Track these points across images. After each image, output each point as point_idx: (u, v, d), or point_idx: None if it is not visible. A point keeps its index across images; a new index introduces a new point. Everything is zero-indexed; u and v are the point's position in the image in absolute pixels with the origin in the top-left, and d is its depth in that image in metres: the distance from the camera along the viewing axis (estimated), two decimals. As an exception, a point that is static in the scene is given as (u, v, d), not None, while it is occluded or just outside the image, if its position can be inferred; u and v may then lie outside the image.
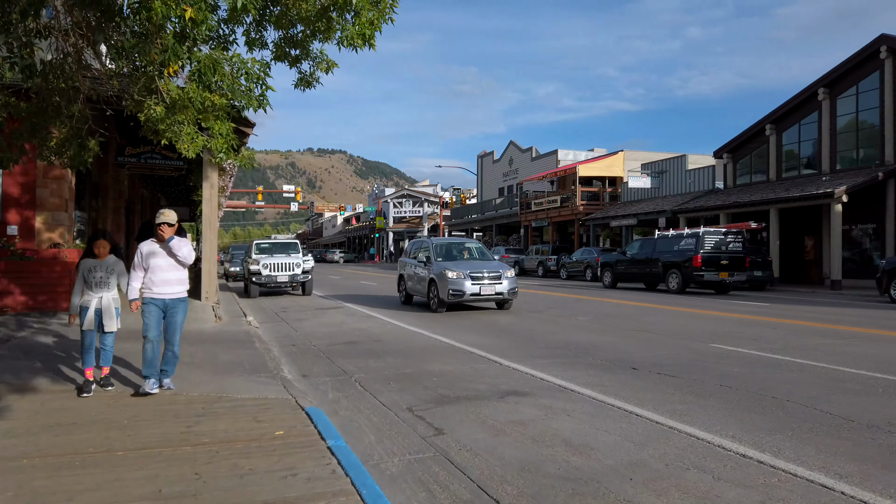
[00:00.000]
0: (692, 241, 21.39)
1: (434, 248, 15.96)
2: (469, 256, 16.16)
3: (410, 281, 16.54)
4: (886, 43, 23.68)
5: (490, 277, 14.38)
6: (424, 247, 16.55)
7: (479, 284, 14.18)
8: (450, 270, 14.34)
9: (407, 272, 16.83)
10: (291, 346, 10.18)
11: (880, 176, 22.97)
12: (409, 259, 16.99)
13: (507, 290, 14.52)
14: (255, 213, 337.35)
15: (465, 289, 14.12)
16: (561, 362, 8.13)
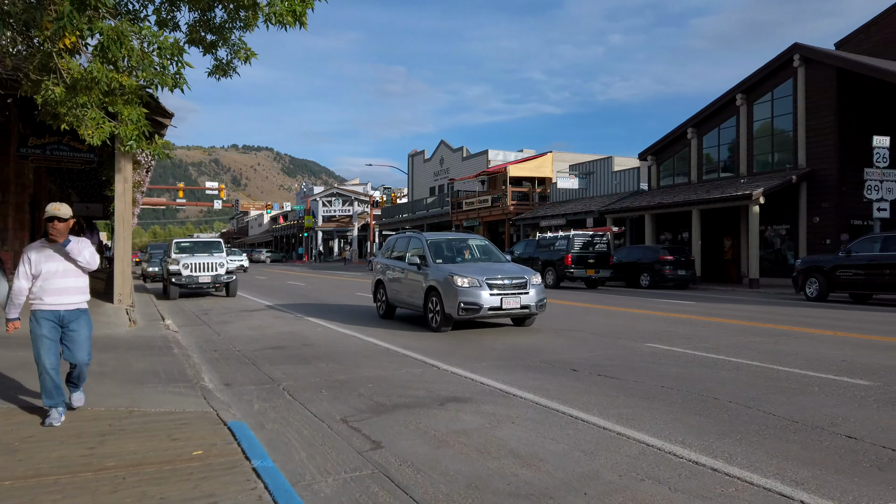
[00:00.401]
0: (564, 243, 24.77)
1: (430, 246, 12.13)
2: (473, 256, 12.63)
3: (394, 288, 12.92)
4: (800, 52, 24.86)
5: (513, 286, 10.79)
6: (416, 245, 12.62)
7: (499, 295, 10.56)
8: (459, 276, 10.66)
9: (388, 277, 13.19)
10: (213, 351, 9.52)
11: (794, 179, 24.08)
12: (391, 260, 13.39)
13: (536, 303, 10.86)
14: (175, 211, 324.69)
15: (481, 301, 10.46)
16: (500, 365, 7.89)
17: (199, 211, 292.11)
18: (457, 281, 10.62)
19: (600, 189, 35.25)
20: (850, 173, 23.86)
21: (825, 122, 24.03)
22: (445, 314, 10.78)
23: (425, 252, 11.87)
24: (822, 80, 24.17)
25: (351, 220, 76.46)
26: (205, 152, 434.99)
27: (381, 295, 13.48)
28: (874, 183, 19.39)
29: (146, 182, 15.08)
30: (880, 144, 19.64)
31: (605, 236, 25.33)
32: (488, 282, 10.64)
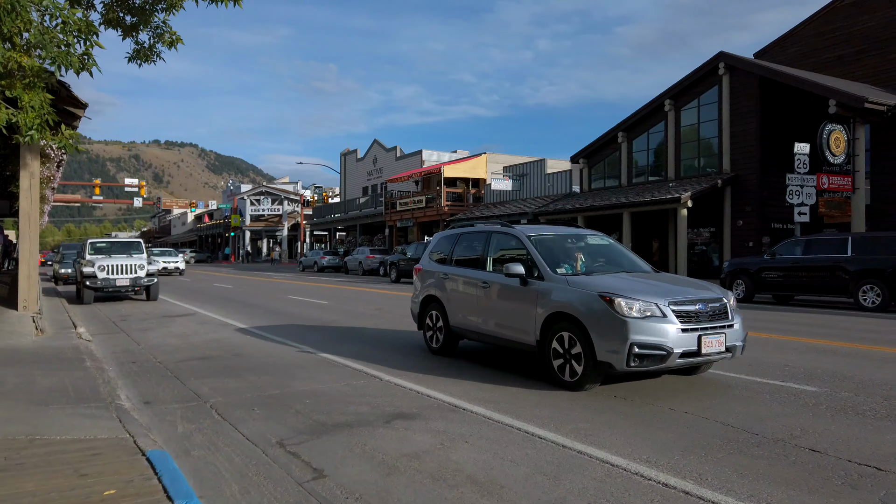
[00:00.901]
0: None
1: (538, 246, 7.58)
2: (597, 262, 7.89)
3: (466, 310, 8.38)
4: (724, 60, 25.72)
5: (711, 314, 6.51)
6: (507, 244, 8.16)
7: (695, 331, 6.29)
8: (625, 297, 6.36)
9: (452, 292, 8.69)
10: (132, 363, 8.73)
11: (719, 183, 24.88)
12: (453, 267, 8.87)
13: (741, 342, 6.73)
14: (92, 209, 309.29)
15: (668, 342, 6.14)
16: (444, 374, 7.52)
17: (118, 209, 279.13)
18: (622, 306, 6.22)
19: (534, 191, 35.53)
20: (771, 178, 24.88)
21: (748, 128, 24.95)
22: (597, 362, 6.30)
23: (533, 256, 7.36)
24: (746, 88, 25.08)
25: (281, 220, 74.53)
26: (124, 147, 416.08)
27: (436, 318, 8.97)
28: (795, 188, 20.20)
29: (57, 178, 13.88)
30: (801, 151, 20.48)
31: None
32: (674, 308, 6.28)
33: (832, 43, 29.41)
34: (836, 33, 29.22)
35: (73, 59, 3.63)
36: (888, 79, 26.38)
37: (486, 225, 8.89)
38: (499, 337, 7.80)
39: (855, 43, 28.39)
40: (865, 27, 28.36)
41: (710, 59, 26.26)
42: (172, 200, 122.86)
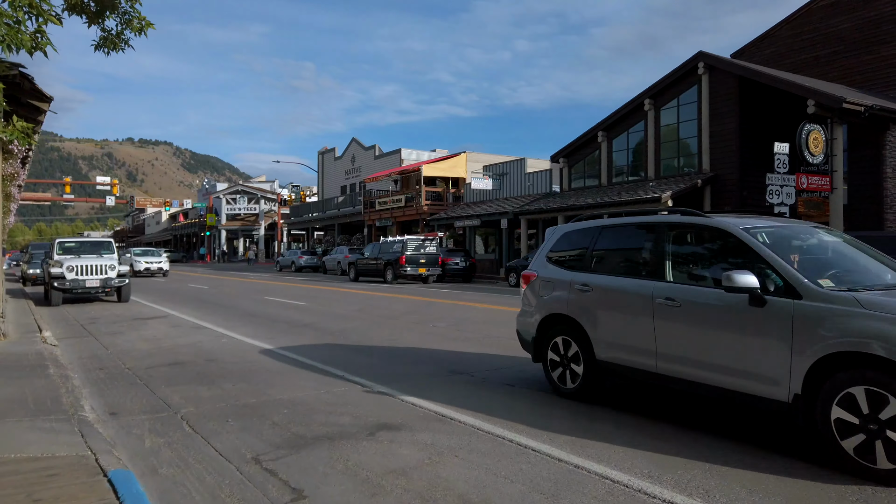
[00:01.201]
0: (400, 245, 28.78)
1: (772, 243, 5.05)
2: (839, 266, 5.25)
3: (626, 336, 5.78)
4: (704, 60, 25.74)
5: None
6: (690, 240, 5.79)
7: None
8: None
9: (595, 308, 6.13)
10: (99, 370, 8.30)
11: (699, 183, 24.90)
12: (602, 277, 6.20)
13: None
14: (64, 208, 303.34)
15: None
16: (435, 381, 7.22)
17: (91, 208, 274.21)
18: None
19: (514, 190, 35.36)
20: (750, 178, 24.96)
21: (727, 128, 25.00)
22: None
23: (770, 260, 4.81)
24: (725, 88, 25.13)
25: (257, 219, 73.59)
26: (97, 145, 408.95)
27: (569, 348, 6.40)
28: (775, 188, 20.23)
29: (22, 175, 13.29)
30: (781, 151, 20.53)
31: (434, 240, 30.50)
32: None
33: (808, 44, 29.62)
34: (811, 34, 29.44)
35: (24, 38, 3.26)
36: (863, 80, 26.64)
37: (651, 216, 6.12)
38: (701, 384, 5.09)
39: (830, 44, 28.63)
40: (840, 28, 28.60)
41: (690, 59, 26.27)
42: (146, 199, 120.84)
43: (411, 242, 28.87)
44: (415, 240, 29.37)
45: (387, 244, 30.11)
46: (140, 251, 37.67)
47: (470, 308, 16.30)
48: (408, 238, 29.31)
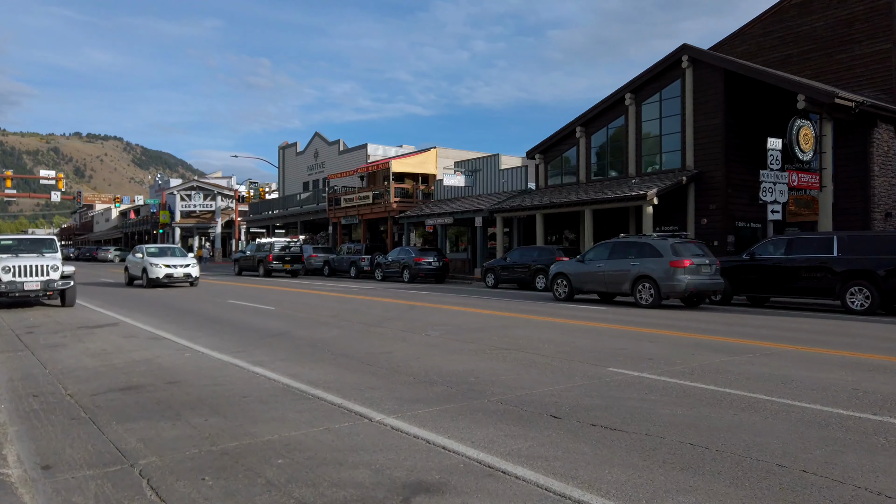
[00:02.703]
0: (268, 246, 34.74)
1: None
2: None
3: None
4: (688, 53, 24.97)
5: None
6: None
7: None
8: None
9: None
10: (33, 397, 6.69)
11: (684, 180, 24.10)
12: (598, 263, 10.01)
13: None
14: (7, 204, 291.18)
15: None
16: (451, 410, 5.87)
17: (36, 204, 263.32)
18: None
19: (487, 187, 34.17)
20: (736, 175, 24.29)
21: (713, 123, 24.26)
22: None
23: None
24: (710, 82, 24.40)
25: (213, 217, 70.78)
26: (42, 140, 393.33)
27: None
28: (768, 185, 19.49)
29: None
30: (774, 146, 19.80)
31: (298, 242, 36.05)
32: None
33: (780, 42, 29.19)
34: (783, 33, 29.01)
35: None
36: (836, 78, 26.19)
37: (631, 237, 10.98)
38: None
39: (802, 43, 28.22)
40: (812, 27, 28.24)
41: (673, 52, 25.49)
42: (95, 195, 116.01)
43: (277, 244, 34.72)
44: (281, 241, 35.32)
45: (261, 244, 36.11)
46: (156, 250, 26.15)
47: (458, 313, 14.98)
48: (274, 240, 36.08)
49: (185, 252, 27.50)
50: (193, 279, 24.77)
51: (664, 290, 16.00)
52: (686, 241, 17.26)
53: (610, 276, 17.31)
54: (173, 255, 26.03)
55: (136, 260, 25.38)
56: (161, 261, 24.35)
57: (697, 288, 15.99)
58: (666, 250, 16.37)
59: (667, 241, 16.83)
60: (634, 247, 17.15)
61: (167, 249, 26.75)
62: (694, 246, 16.89)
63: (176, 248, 27.43)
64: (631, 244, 17.38)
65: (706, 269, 16.26)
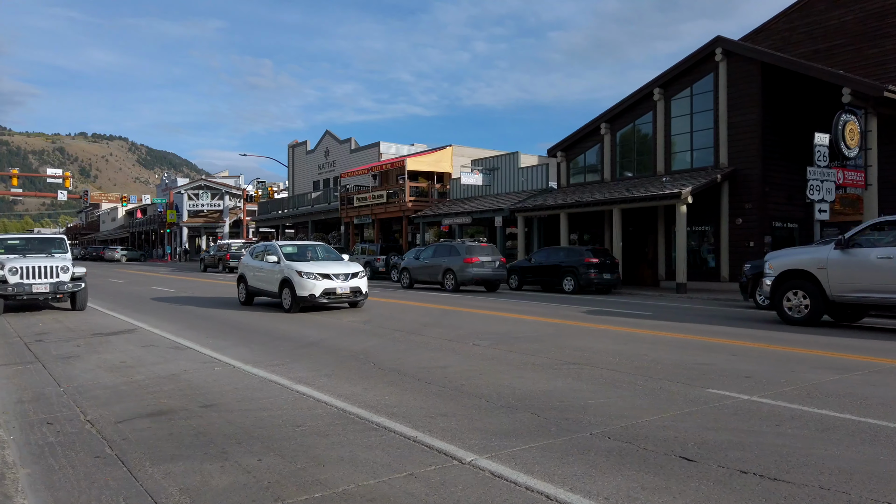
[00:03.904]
0: (227, 246, 40.29)
1: None
2: None
3: None
4: (722, 45, 23.92)
5: None
6: None
7: None
8: None
9: None
10: (46, 425, 5.72)
11: (718, 178, 23.04)
12: None
13: None
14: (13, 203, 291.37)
15: None
16: (557, 446, 4.86)
17: (41, 203, 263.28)
18: None
19: (506, 186, 33.13)
20: (773, 173, 23.24)
21: (749, 118, 23.20)
22: None
23: None
24: (746, 75, 23.34)
25: (221, 216, 69.94)
26: (48, 139, 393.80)
27: None
28: (815, 183, 18.41)
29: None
30: (821, 142, 18.71)
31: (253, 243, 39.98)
32: None
33: (807, 37, 28.07)
34: (810, 27, 27.89)
35: None
36: (864, 74, 25.08)
37: None
38: None
39: (830, 37, 27.09)
40: (842, 21, 27.12)
41: (706, 45, 24.42)
42: (101, 195, 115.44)
43: (234, 244, 40.28)
44: (237, 242, 41.45)
45: (223, 245, 41.53)
46: (294, 249, 16.86)
47: (497, 319, 13.96)
48: (232, 241, 42.49)
49: (337, 253, 17.75)
50: (362, 298, 15.43)
51: (460, 278, 22.25)
52: (480, 244, 23.87)
53: (429, 268, 23.74)
54: (325, 257, 16.79)
55: (268, 266, 15.95)
56: (314, 267, 15.04)
57: (482, 277, 22.35)
58: (462, 251, 22.60)
59: (464, 243, 23.50)
60: (445, 248, 23.78)
61: (311, 249, 17.16)
62: (486, 248, 23.27)
63: (322, 247, 17.61)
64: (443, 246, 24.16)
65: (490, 264, 22.55)
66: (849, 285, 11.47)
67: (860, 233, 11.76)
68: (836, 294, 11.67)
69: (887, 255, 11.05)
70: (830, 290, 11.69)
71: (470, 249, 22.60)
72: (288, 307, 14.93)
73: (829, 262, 11.75)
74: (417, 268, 24.34)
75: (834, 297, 11.72)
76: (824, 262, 11.82)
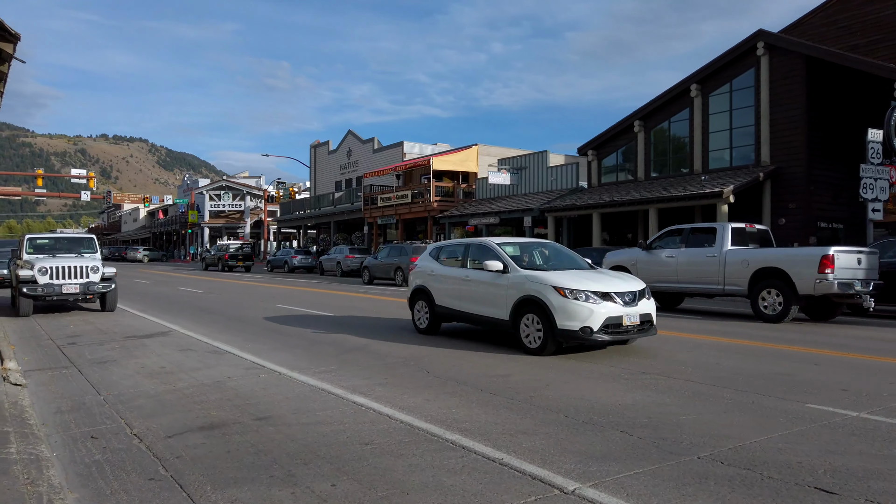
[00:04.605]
0: (226, 247, 43.83)
1: None
2: None
3: None
4: (764, 39, 23.11)
5: None
6: None
7: None
8: None
9: None
10: (90, 439, 5.24)
11: (761, 176, 22.24)
12: None
13: None
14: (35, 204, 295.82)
15: None
16: (666, 472, 4.27)
17: (64, 204, 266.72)
18: None
19: (534, 186, 32.49)
20: (817, 171, 22.39)
21: (792, 114, 22.36)
22: None
23: None
24: (790, 70, 22.51)
25: (242, 216, 70.02)
26: (70, 141, 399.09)
27: None
28: (869, 181, 17.59)
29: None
30: (874, 139, 17.89)
31: (250, 244, 48.90)
32: None
33: (845, 32, 27.08)
34: (848, 21, 26.91)
35: None
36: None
37: None
38: None
39: (869, 32, 26.08)
40: (882, 15, 26.12)
41: (747, 39, 23.61)
42: (124, 195, 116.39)
43: (233, 245, 44.68)
44: (235, 244, 45.98)
45: (220, 246, 45.49)
46: (516, 250, 10.49)
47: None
48: (230, 242, 48.87)
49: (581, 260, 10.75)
50: (650, 330, 9.31)
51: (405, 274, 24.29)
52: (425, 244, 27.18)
53: (383, 266, 27.42)
54: (568, 264, 10.44)
55: (482, 277, 10.04)
56: (580, 281, 8.96)
57: None
58: (410, 251, 26.04)
59: (411, 245, 27.52)
60: (397, 249, 27.85)
61: (538, 249, 11.06)
62: None
63: (553, 247, 11.25)
64: (395, 247, 28.18)
65: None
66: (652, 277, 14.75)
67: (658, 238, 15.80)
68: None
69: (671, 255, 15.00)
70: None
71: (416, 250, 25.90)
72: (537, 345, 8.91)
73: (638, 260, 15.72)
74: (374, 266, 28.20)
75: None
76: (635, 259, 15.84)
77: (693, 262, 14.41)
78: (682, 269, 14.56)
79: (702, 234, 14.83)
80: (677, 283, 14.82)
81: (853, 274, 12.57)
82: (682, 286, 14.76)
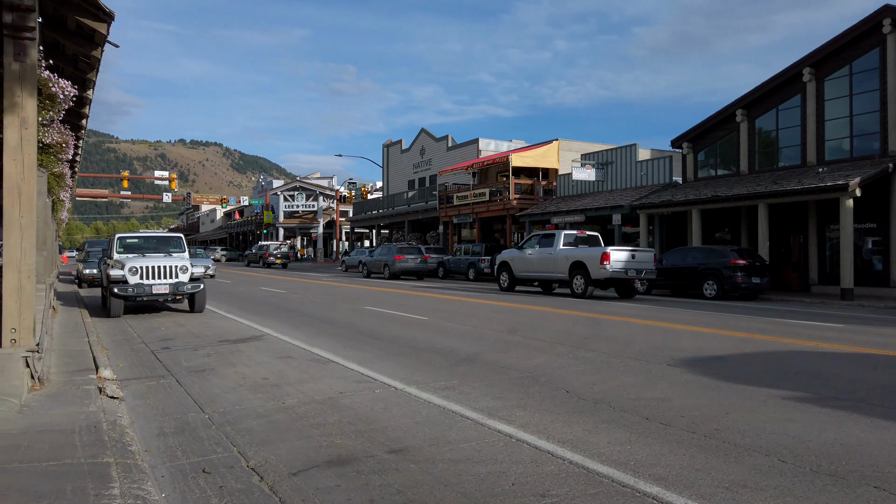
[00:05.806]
0: (266, 247, 48.17)
1: None
2: None
3: None
4: (891, 15, 20.76)
5: None
6: None
7: None
8: None
9: None
10: (203, 473, 4.35)
11: (890, 168, 19.96)
12: None
13: None
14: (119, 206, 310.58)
15: None
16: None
17: (145, 206, 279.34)
18: None
19: (621, 182, 30.75)
20: (955, 162, 19.92)
21: (926, 99, 19.97)
22: None
23: None
24: (922, 50, 20.11)
25: (315, 217, 70.58)
26: (150, 147, 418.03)
27: None
28: None
29: (71, 144, 9.55)
30: None
31: (288, 243, 54.91)
32: None
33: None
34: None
35: None
36: None
37: None
38: None
39: None
40: None
41: (871, 16, 21.28)
42: (202, 197, 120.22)
43: (272, 245, 48.07)
44: (275, 244, 49.59)
45: (259, 247, 49.72)
46: None
47: (665, 330, 11.95)
48: (270, 243, 51.25)
49: None
50: None
51: (392, 270, 30.88)
52: (409, 245, 32.92)
53: (374, 263, 32.76)
54: None
55: None
56: None
57: (406, 270, 30.93)
58: (393, 251, 31.22)
59: (394, 245, 32.70)
60: (386, 247, 32.55)
61: None
62: (413, 248, 32.13)
63: None
64: (385, 246, 32.37)
65: (413, 260, 30.98)
66: (521, 269, 21.52)
67: (527, 240, 21.99)
68: (518, 274, 21.75)
69: (531, 253, 21.14)
70: (515, 271, 21.81)
71: (400, 250, 31.53)
72: None
73: (513, 257, 21.98)
74: (370, 262, 33.50)
75: (517, 276, 21.77)
76: (513, 256, 21.95)
77: (542, 258, 20.68)
78: (536, 263, 20.95)
79: (548, 238, 21.00)
80: (536, 272, 21.10)
81: (627, 265, 18.59)
82: (538, 274, 21.00)
